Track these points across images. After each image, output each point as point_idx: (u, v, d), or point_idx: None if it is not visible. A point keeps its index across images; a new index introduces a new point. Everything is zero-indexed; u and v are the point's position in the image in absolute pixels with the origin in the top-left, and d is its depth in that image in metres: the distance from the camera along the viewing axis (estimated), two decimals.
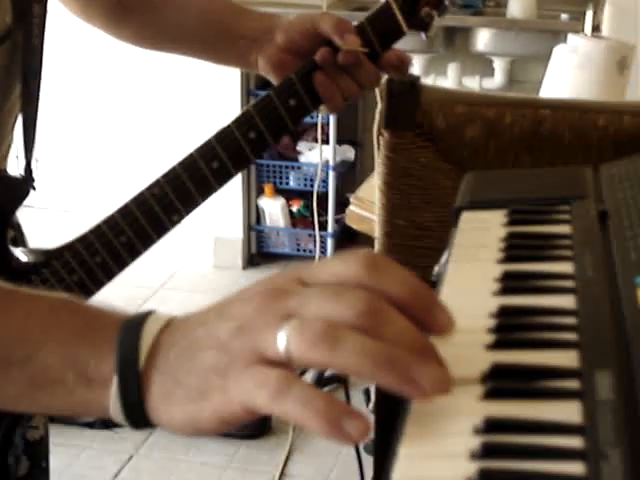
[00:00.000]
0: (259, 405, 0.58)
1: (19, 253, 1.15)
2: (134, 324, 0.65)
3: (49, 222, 3.98)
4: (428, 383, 0.57)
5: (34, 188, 1.19)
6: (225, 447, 3.00)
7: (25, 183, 1.19)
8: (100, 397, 0.64)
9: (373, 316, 0.58)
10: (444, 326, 0.60)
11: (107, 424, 3.08)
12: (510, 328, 0.68)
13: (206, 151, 1.18)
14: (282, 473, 2.88)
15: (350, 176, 4.22)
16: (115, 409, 0.64)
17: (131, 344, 0.63)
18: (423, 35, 1.22)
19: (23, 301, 0.69)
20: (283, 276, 0.64)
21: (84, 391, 0.65)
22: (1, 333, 0.66)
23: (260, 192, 4.20)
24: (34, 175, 1.19)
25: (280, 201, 4.17)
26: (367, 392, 2.88)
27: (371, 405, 2.00)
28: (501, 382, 0.60)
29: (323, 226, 4.04)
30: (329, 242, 4.06)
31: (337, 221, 4.01)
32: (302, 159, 4.13)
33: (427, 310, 0.60)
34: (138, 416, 0.64)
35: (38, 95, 1.17)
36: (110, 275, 1.17)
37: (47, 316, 0.67)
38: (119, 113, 4.12)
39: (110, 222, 1.17)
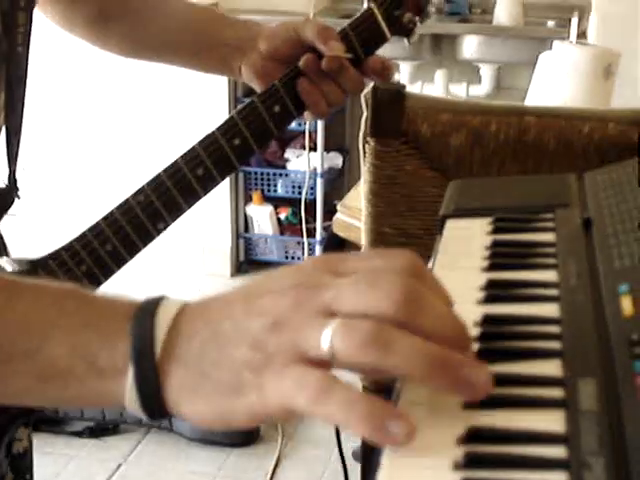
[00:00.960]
0: (299, 407, 0.57)
1: (3, 262, 1.15)
2: (147, 310, 0.63)
3: (33, 230, 3.97)
4: (481, 384, 0.58)
5: (18, 197, 1.19)
6: (214, 455, 2.99)
7: (9, 192, 1.18)
8: (113, 387, 0.62)
9: (411, 304, 0.58)
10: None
11: (96, 433, 3.07)
12: (494, 337, 0.68)
13: (191, 158, 1.17)
14: None
15: (338, 183, 4.22)
16: (131, 400, 0.62)
17: (145, 332, 0.61)
18: (405, 41, 1.22)
19: (27, 291, 0.67)
20: (313, 266, 0.63)
21: (96, 382, 0.63)
22: (5, 325, 0.64)
23: (248, 199, 4.20)
24: (19, 184, 1.19)
25: (268, 208, 4.17)
26: None
27: None
28: None
29: (311, 233, 4.05)
30: (317, 249, 4.06)
31: (325, 228, 4.01)
32: (290, 166, 4.13)
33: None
34: (155, 407, 0.62)
35: (22, 104, 1.16)
36: (96, 284, 1.17)
37: (53, 306, 0.65)
38: (106, 121, 4.11)
39: (95, 230, 1.16)
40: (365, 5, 1.21)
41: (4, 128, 1.16)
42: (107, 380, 0.63)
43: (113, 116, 4.10)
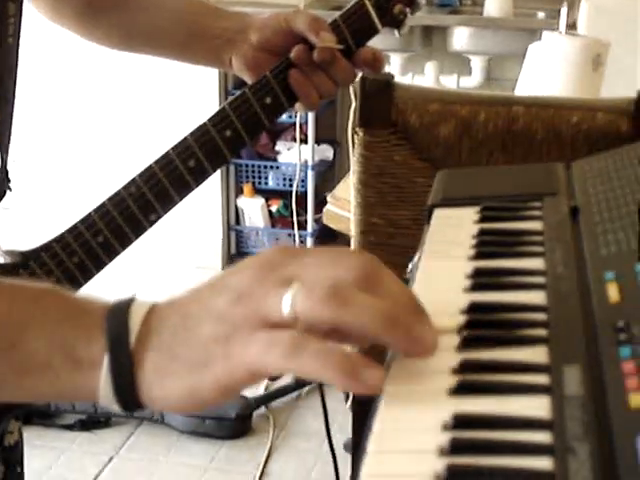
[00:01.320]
0: (271, 365, 0.59)
1: None
2: (121, 306, 0.65)
3: (24, 222, 3.97)
4: (429, 341, 0.61)
5: (10, 189, 1.19)
6: (206, 448, 2.99)
7: (1, 184, 1.18)
8: (89, 379, 0.64)
9: (370, 279, 0.61)
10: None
11: (87, 426, 3.07)
12: (480, 324, 0.68)
13: (182, 149, 1.17)
14: (262, 473, 2.87)
15: (329, 175, 4.22)
16: (105, 390, 0.63)
17: (120, 323, 0.63)
18: (396, 32, 1.22)
19: (5, 289, 0.68)
20: (273, 250, 0.65)
21: (72, 374, 0.64)
22: None
23: (239, 192, 4.19)
24: (10, 176, 1.19)
25: (259, 201, 4.17)
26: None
27: (349, 403, 2.01)
28: (470, 378, 0.60)
29: (302, 225, 4.04)
30: (309, 241, 4.06)
31: (316, 220, 4.01)
32: (281, 159, 4.13)
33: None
34: (129, 396, 0.63)
35: (14, 95, 1.16)
36: (88, 275, 1.17)
37: (31, 302, 0.67)
38: (96, 113, 4.10)
39: (87, 222, 1.16)
40: None
41: None
42: (83, 372, 0.64)
43: (104, 108, 4.09)
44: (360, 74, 1.31)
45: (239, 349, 0.60)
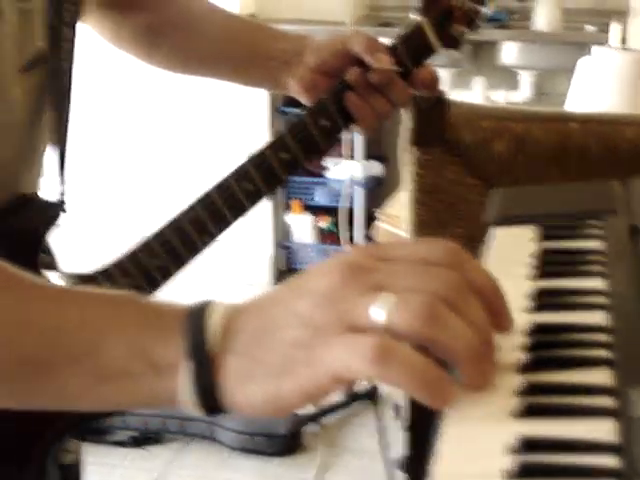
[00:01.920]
0: (356, 369, 0.58)
1: (53, 277, 1.16)
2: (198, 309, 0.65)
3: (81, 243, 4.00)
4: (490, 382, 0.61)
5: (65, 211, 1.20)
6: (256, 464, 3.00)
7: (56, 206, 1.19)
8: (169, 384, 0.64)
9: (458, 293, 0.60)
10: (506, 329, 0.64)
11: (138, 442, 3.09)
12: (543, 346, 0.67)
13: (241, 175, 1.18)
14: None
15: (377, 191, 4.22)
16: (187, 394, 0.63)
17: (199, 326, 0.63)
18: (455, 53, 1.22)
19: (81, 295, 0.69)
20: (357, 254, 0.64)
21: (152, 380, 0.64)
22: (62, 326, 0.66)
23: (288, 208, 4.21)
24: (65, 198, 1.20)
25: (308, 217, 4.18)
26: (396, 407, 2.88)
27: (400, 420, 2.00)
28: (535, 400, 0.60)
29: (351, 242, 4.04)
30: None
31: (365, 236, 4.01)
32: (329, 175, 4.13)
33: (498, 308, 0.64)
34: (211, 399, 0.63)
35: (68, 119, 1.17)
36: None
37: (108, 308, 0.67)
38: (148, 133, 4.13)
39: (145, 247, 1.17)
40: (413, 17, 1.20)
41: (51, 143, 1.17)
42: (162, 377, 0.64)
43: (156, 129, 4.12)
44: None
45: (322, 354, 0.59)
